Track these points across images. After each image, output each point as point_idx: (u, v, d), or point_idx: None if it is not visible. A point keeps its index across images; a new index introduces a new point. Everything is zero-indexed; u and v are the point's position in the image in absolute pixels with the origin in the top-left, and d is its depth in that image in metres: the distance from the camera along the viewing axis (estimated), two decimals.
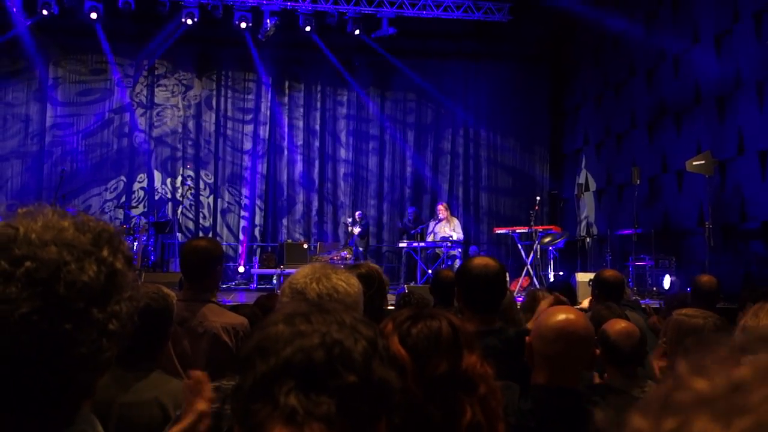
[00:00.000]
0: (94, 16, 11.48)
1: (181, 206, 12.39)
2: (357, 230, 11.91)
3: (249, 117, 13.30)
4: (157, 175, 12.91)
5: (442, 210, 11.48)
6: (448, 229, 11.27)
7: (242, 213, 13.11)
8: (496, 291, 2.77)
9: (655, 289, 9.08)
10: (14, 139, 12.60)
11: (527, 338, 2.11)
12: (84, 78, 12.85)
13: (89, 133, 12.79)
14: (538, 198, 11.47)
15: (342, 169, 13.52)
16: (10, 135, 12.59)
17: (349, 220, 12.25)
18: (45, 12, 11.36)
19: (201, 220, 13.06)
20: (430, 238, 11.30)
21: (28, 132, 12.64)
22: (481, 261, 2.84)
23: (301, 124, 13.46)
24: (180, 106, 13.09)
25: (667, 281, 8.95)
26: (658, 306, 6.54)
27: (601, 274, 4.74)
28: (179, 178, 12.94)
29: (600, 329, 2.84)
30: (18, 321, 0.86)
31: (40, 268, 0.88)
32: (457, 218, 11.79)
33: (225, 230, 13.14)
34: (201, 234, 12.80)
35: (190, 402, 1.56)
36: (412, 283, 10.56)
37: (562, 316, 2.06)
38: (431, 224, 11.53)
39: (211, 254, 3.22)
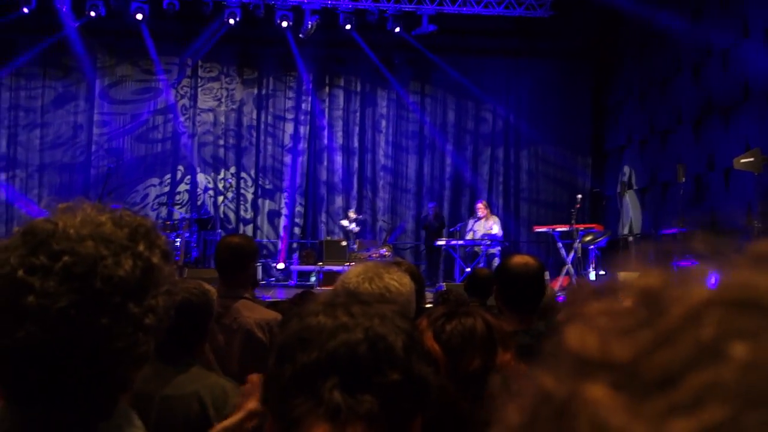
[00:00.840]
0: (139, 16, 11.73)
1: (222, 203, 12.59)
2: (356, 229, 11.87)
3: (290, 115, 13.43)
4: (200, 173, 13.12)
5: (481, 208, 11.40)
6: (488, 227, 11.20)
7: (282, 210, 13.24)
8: (535, 290, 2.75)
9: None
10: (62, 137, 12.96)
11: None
12: (130, 78, 13.14)
13: (135, 132, 13.08)
14: (579, 196, 11.27)
15: (381, 167, 13.54)
16: (58, 134, 12.95)
17: (345, 222, 12.06)
18: (92, 13, 11.66)
19: (242, 216, 13.23)
20: (469, 236, 11.24)
21: (76, 131, 12.99)
22: (520, 259, 2.82)
23: (341, 121, 13.53)
24: (222, 104, 13.28)
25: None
26: None
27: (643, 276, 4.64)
28: (221, 176, 13.14)
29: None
30: (56, 314, 0.88)
31: (77, 263, 0.90)
32: (497, 216, 11.71)
33: (265, 227, 13.30)
34: (242, 231, 13.00)
35: (243, 401, 1.58)
36: (450, 281, 10.52)
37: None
38: (470, 222, 11.47)
39: (245, 250, 3.26)
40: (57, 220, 0.95)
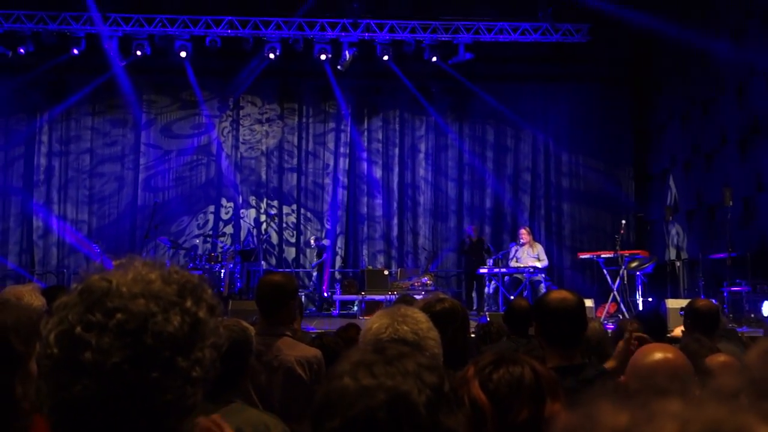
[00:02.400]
0: (183, 54, 12.07)
1: (265, 234, 12.76)
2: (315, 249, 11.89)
3: (330, 146, 13.59)
4: (243, 205, 13.34)
5: (524, 234, 11.29)
6: (532, 253, 11.07)
7: (324, 240, 13.33)
8: (575, 325, 2.70)
9: (753, 316, 8.58)
10: (111, 172, 13.35)
11: (622, 378, 2.04)
12: (174, 113, 13.50)
13: (179, 166, 13.40)
14: (623, 221, 11.11)
15: (421, 195, 13.56)
16: (107, 169, 13.35)
17: (313, 242, 12.22)
18: (138, 53, 12.05)
19: (284, 247, 13.38)
20: (512, 263, 11.14)
21: (124, 165, 13.37)
22: (558, 295, 2.79)
23: (380, 151, 13.63)
24: (264, 137, 13.52)
25: (766, 308, 8.45)
26: (758, 335, 6.19)
27: (694, 303, 4.53)
28: (263, 207, 13.34)
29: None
30: (111, 369, 0.92)
31: (130, 320, 0.94)
32: (540, 243, 11.58)
33: (308, 257, 13.41)
34: (285, 261, 13.17)
35: None
36: (493, 309, 10.42)
37: (659, 355, 1.99)
38: (513, 249, 11.36)
39: (285, 289, 3.31)
40: (111, 277, 1.00)
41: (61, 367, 0.94)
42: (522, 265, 10.94)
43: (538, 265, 10.85)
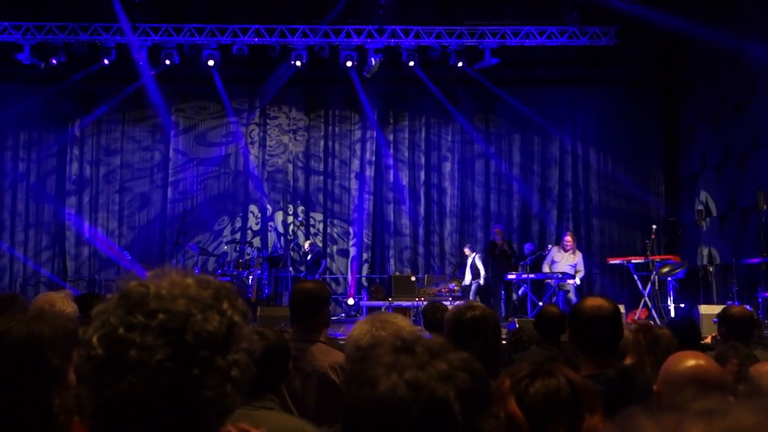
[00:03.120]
0: (211, 63, 12.20)
1: (292, 241, 12.83)
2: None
3: (356, 152, 13.63)
4: (270, 212, 13.43)
5: (569, 241, 11.13)
6: (571, 262, 10.91)
7: (351, 246, 13.37)
8: (610, 333, 2.67)
9: None
10: (141, 180, 13.54)
11: (655, 387, 2.01)
12: (202, 121, 13.66)
13: (207, 173, 13.54)
14: (654, 226, 10.95)
15: (448, 201, 13.52)
16: (137, 176, 13.54)
17: (306, 246, 12.34)
18: (167, 62, 12.21)
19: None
20: (546, 268, 10.99)
21: (153, 173, 13.56)
22: (594, 302, 2.75)
23: (406, 156, 13.63)
24: (290, 144, 13.61)
25: None
26: None
27: (728, 310, 4.44)
28: (291, 214, 13.41)
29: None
30: (155, 366, 0.95)
31: (171, 319, 0.98)
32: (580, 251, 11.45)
33: (334, 263, 13.45)
34: (312, 267, 13.22)
35: None
36: (521, 316, 10.34)
37: (692, 362, 1.95)
38: (552, 252, 11.18)
39: (318, 296, 3.36)
40: (148, 284, 1.03)
41: (106, 367, 0.97)
42: (555, 271, 10.80)
43: (577, 279, 10.73)
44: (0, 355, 1.51)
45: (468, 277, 11.67)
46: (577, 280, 10.94)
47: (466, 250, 12.03)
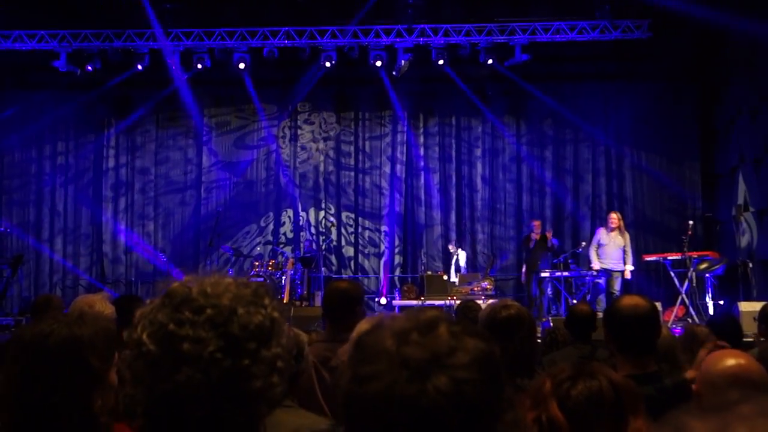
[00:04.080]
0: (242, 66, 12.31)
1: (325, 241, 12.90)
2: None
3: (387, 151, 13.64)
4: (302, 213, 13.51)
5: (615, 219, 10.70)
6: (620, 242, 10.55)
7: (383, 245, 13.39)
8: (648, 332, 2.62)
9: None
10: (175, 183, 13.74)
11: (694, 387, 1.97)
12: (234, 123, 13.81)
13: (240, 175, 13.68)
14: (690, 222, 10.74)
15: (479, 199, 13.45)
16: (171, 179, 13.74)
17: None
18: (199, 66, 12.36)
19: (344, 253, 13.49)
20: (593, 253, 10.67)
21: (187, 176, 13.74)
22: (630, 301, 2.71)
23: (436, 155, 13.59)
24: (321, 144, 13.68)
25: None
26: None
27: None
28: (322, 214, 13.48)
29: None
30: (208, 357, 1.00)
31: (218, 314, 1.03)
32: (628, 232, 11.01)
33: (366, 263, 13.48)
34: (343, 267, 13.29)
35: None
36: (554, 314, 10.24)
37: (732, 361, 1.91)
38: (598, 234, 10.79)
39: (351, 295, 3.38)
40: (190, 284, 1.09)
41: (160, 362, 1.01)
42: (604, 262, 10.47)
43: (627, 273, 10.38)
44: (42, 356, 1.54)
45: (453, 275, 11.69)
46: (627, 273, 10.49)
47: (451, 247, 12.03)
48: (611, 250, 10.56)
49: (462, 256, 11.97)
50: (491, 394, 0.87)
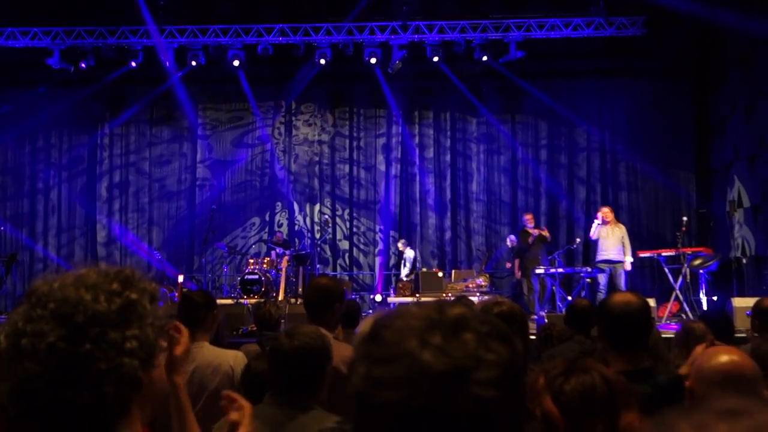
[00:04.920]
0: (236, 63, 12.29)
1: (319, 239, 12.89)
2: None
3: (381, 148, 13.64)
4: (297, 210, 13.50)
5: (608, 213, 10.48)
6: (617, 233, 10.36)
7: (377, 242, 13.39)
8: (640, 328, 2.63)
9: None
10: (169, 180, 13.71)
11: (687, 383, 1.98)
12: (228, 121, 13.78)
13: (234, 172, 13.66)
14: (684, 218, 10.78)
15: (474, 196, 13.46)
16: (166, 176, 13.71)
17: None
18: (193, 63, 12.32)
19: (339, 250, 13.48)
20: (594, 233, 10.51)
21: (181, 173, 13.72)
22: (622, 297, 2.72)
23: (431, 152, 13.60)
24: (316, 142, 13.67)
25: None
26: None
27: (762, 303, 4.36)
28: (317, 212, 13.47)
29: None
30: (45, 348, 1.06)
31: (63, 305, 1.10)
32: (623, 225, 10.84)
33: (361, 259, 13.48)
34: (338, 264, 13.29)
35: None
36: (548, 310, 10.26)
37: (725, 358, 1.92)
38: (594, 227, 10.54)
39: (332, 292, 3.34)
40: (51, 280, 1.15)
41: (10, 359, 1.08)
42: (603, 254, 10.45)
43: (627, 265, 10.30)
44: None
45: (404, 272, 11.86)
46: (628, 265, 10.33)
47: (400, 245, 12.18)
48: (611, 244, 10.49)
49: (410, 254, 12.07)
50: (514, 412, 0.83)
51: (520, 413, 0.85)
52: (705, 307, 9.65)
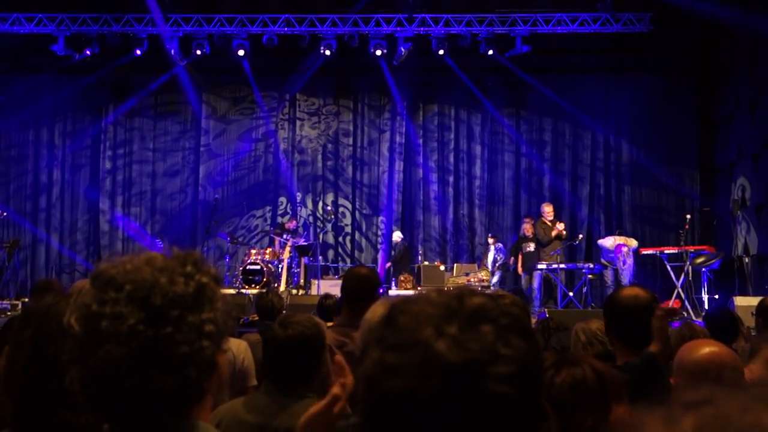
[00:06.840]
0: (241, 53, 12.25)
1: (322, 230, 12.88)
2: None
3: (385, 141, 13.62)
4: (300, 201, 13.49)
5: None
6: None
7: (380, 235, 13.38)
8: (646, 322, 2.63)
9: None
10: (173, 169, 13.71)
11: (672, 380, 1.98)
12: (233, 111, 13.75)
13: (238, 162, 13.65)
14: (688, 216, 10.78)
15: (477, 190, 13.45)
16: (169, 165, 13.70)
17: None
18: (198, 52, 12.29)
19: (341, 242, 13.48)
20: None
21: (185, 162, 13.71)
22: (630, 291, 2.73)
23: (435, 146, 13.57)
24: (320, 133, 13.65)
25: None
26: None
27: (766, 301, 4.36)
28: (320, 203, 13.46)
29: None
30: (126, 331, 1.04)
31: (138, 288, 1.07)
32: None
33: (364, 252, 13.48)
34: (340, 256, 13.30)
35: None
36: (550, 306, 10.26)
37: (706, 350, 1.93)
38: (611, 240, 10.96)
39: (372, 282, 3.43)
40: (117, 263, 1.13)
41: (84, 342, 1.06)
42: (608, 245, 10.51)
43: (633, 243, 10.43)
44: (50, 324, 1.55)
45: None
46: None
47: (396, 237, 12.34)
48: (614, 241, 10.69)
49: (396, 238, 12.37)
50: (530, 411, 0.79)
51: (536, 412, 0.80)
52: (706, 306, 9.65)
